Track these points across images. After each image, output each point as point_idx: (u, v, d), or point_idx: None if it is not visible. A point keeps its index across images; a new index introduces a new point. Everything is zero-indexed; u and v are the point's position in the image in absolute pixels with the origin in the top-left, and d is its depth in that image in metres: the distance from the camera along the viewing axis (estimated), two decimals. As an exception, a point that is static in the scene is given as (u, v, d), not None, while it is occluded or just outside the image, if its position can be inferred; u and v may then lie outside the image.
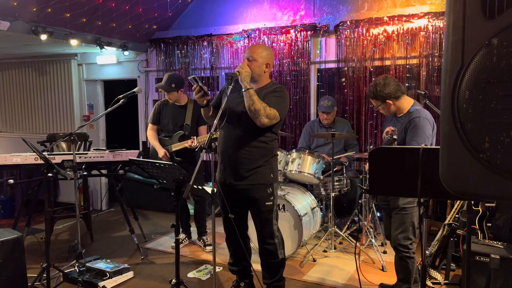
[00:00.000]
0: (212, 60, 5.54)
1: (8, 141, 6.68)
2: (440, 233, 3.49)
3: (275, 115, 2.70)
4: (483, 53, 0.93)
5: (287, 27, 5.03)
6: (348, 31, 4.72)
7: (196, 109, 4.12)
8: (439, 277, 3.36)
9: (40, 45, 5.02)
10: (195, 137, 3.89)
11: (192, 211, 4.46)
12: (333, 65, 4.92)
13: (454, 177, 1.00)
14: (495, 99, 0.92)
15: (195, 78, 2.67)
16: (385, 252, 3.99)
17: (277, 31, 5.07)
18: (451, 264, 3.44)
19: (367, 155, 3.16)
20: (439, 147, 1.03)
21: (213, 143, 2.50)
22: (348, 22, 4.70)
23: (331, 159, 4.00)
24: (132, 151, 4.23)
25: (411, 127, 2.72)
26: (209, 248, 4.14)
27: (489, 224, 3.40)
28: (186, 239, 4.35)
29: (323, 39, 4.93)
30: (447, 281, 3.37)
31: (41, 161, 3.59)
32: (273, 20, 5.16)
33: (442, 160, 1.02)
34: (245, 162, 2.80)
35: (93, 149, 4.40)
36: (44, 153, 3.24)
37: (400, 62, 4.57)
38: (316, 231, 4.23)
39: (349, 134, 4.40)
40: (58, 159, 3.87)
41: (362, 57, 4.69)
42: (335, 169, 4.12)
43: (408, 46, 4.49)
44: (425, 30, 4.38)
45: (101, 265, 3.52)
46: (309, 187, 4.36)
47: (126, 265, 3.58)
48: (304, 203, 3.96)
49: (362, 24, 4.64)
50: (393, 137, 2.75)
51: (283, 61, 5.08)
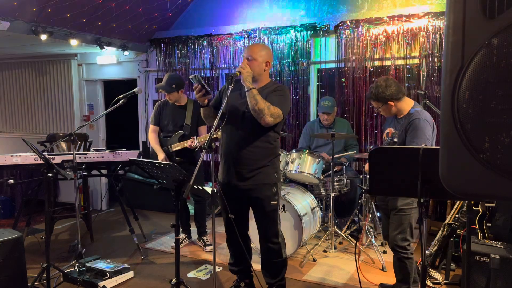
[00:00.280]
0: (212, 60, 5.54)
1: (8, 141, 6.68)
2: (440, 233, 3.49)
3: (279, 113, 2.71)
4: (483, 53, 0.93)
5: (287, 27, 5.03)
6: (348, 31, 4.72)
7: (196, 109, 4.12)
8: (439, 277, 3.36)
9: (40, 45, 5.02)
10: (195, 137, 3.88)
11: (192, 211, 4.46)
12: (333, 65, 4.92)
13: (454, 177, 1.00)
14: (495, 99, 0.91)
15: (196, 77, 2.67)
16: (385, 252, 3.99)
17: (277, 31, 5.07)
18: (451, 264, 3.45)
19: (367, 155, 3.17)
20: (439, 147, 1.03)
21: (213, 143, 2.49)
22: (348, 22, 4.70)
23: (331, 158, 4.00)
24: (132, 151, 4.23)
25: (411, 128, 2.73)
26: (209, 248, 4.14)
27: (489, 224, 3.40)
28: (186, 239, 4.35)
29: (323, 39, 4.94)
30: (447, 281, 3.37)
31: (41, 161, 3.59)
32: (273, 20, 5.16)
33: (442, 160, 1.02)
34: (249, 162, 2.80)
35: (93, 149, 4.40)
36: (44, 153, 3.25)
37: (400, 62, 4.57)
38: (316, 231, 4.23)
39: (349, 134, 4.40)
40: (58, 159, 3.87)
41: (362, 57, 4.69)
42: (335, 169, 4.12)
43: (408, 46, 4.49)
44: (425, 30, 4.38)
45: (101, 265, 3.52)
46: (309, 187, 4.36)
47: (126, 265, 3.58)
48: (304, 203, 3.96)
49: (362, 24, 4.63)
50: (394, 140, 2.75)
51: (283, 61, 5.08)
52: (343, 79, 4.84)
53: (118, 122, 6.58)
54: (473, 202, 2.91)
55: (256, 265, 3.16)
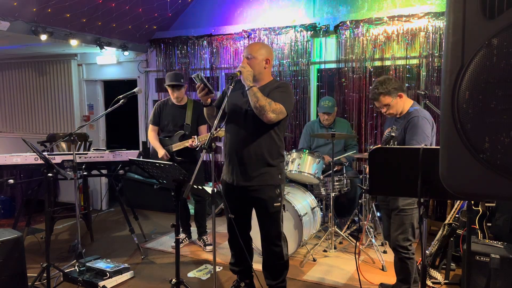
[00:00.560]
0: (212, 60, 5.54)
1: (8, 141, 6.68)
2: (440, 233, 3.49)
3: (281, 109, 2.68)
4: (483, 53, 0.93)
5: (287, 27, 5.03)
6: (348, 31, 4.72)
7: (196, 108, 4.13)
8: (439, 276, 3.36)
9: (40, 45, 5.02)
10: (196, 136, 3.89)
11: (192, 211, 4.46)
12: (333, 65, 4.92)
13: (454, 177, 1.00)
14: (495, 99, 0.92)
15: (198, 75, 2.66)
16: (385, 252, 3.99)
17: (277, 31, 5.07)
18: (451, 264, 3.45)
19: (367, 155, 3.16)
20: (439, 147, 1.03)
21: (213, 143, 2.49)
22: (348, 22, 4.70)
23: (331, 160, 4.00)
24: (132, 151, 4.22)
25: (410, 126, 2.73)
26: (209, 248, 4.14)
27: (489, 224, 3.40)
28: (186, 239, 4.35)
29: (323, 39, 4.93)
30: (447, 281, 3.37)
31: (41, 161, 3.59)
32: (273, 20, 5.16)
33: (442, 160, 1.02)
34: (253, 161, 2.77)
35: (93, 149, 4.40)
36: (44, 153, 3.25)
37: (400, 62, 4.57)
38: (316, 231, 4.23)
39: (349, 134, 4.40)
40: (58, 159, 3.87)
41: (362, 57, 4.69)
42: (335, 169, 4.12)
43: (408, 46, 4.49)
44: (425, 30, 4.38)
45: (101, 265, 3.52)
46: (309, 187, 4.36)
47: (126, 265, 3.58)
48: (304, 203, 3.96)
49: (362, 24, 4.63)
50: (391, 134, 2.73)
51: (283, 61, 5.09)
52: (343, 79, 4.84)
53: (118, 122, 6.58)
54: (473, 202, 2.91)
55: (256, 265, 3.16)
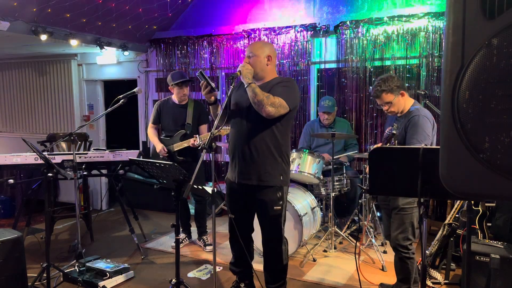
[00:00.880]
0: (212, 60, 5.54)
1: (8, 141, 6.68)
2: (440, 233, 3.49)
3: (280, 103, 2.65)
4: (483, 53, 0.93)
5: (287, 27, 5.03)
6: (348, 31, 4.72)
7: (196, 108, 4.13)
8: (439, 277, 3.36)
9: (40, 45, 5.02)
10: (197, 135, 3.89)
11: (192, 211, 4.46)
12: (333, 65, 4.92)
13: (454, 177, 1.00)
14: (495, 99, 0.92)
15: (202, 73, 2.68)
16: (385, 252, 3.99)
17: (277, 31, 5.07)
18: (451, 264, 3.45)
19: (367, 155, 3.16)
20: (439, 147, 1.03)
21: (213, 143, 2.49)
22: (348, 22, 4.70)
23: (331, 158, 4.01)
24: (132, 151, 4.23)
25: (410, 125, 2.73)
26: (209, 248, 4.14)
27: (489, 224, 3.40)
28: (186, 239, 4.35)
29: (323, 39, 4.94)
30: (447, 281, 3.37)
31: (41, 161, 3.59)
32: (273, 20, 5.16)
33: (442, 160, 1.02)
34: (254, 159, 2.75)
35: (93, 149, 4.40)
36: (44, 153, 3.25)
37: (400, 62, 4.57)
38: (316, 231, 4.23)
39: (349, 134, 4.40)
40: (58, 159, 3.87)
41: (362, 57, 4.69)
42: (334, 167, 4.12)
43: (408, 46, 4.49)
44: (425, 30, 4.38)
45: (101, 265, 3.51)
46: (309, 187, 4.36)
47: (126, 265, 3.58)
48: (304, 203, 3.96)
49: (362, 24, 4.63)
50: (393, 132, 2.72)
51: (283, 61, 5.09)
52: (343, 79, 4.84)
53: (118, 122, 6.58)
54: (473, 202, 2.91)
55: (257, 266, 3.16)
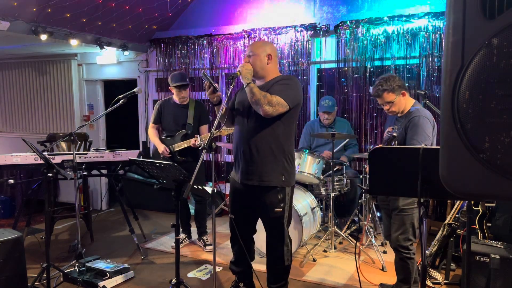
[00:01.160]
0: (212, 60, 5.54)
1: (8, 141, 6.68)
2: (440, 233, 3.49)
3: (278, 101, 2.62)
4: (483, 53, 0.93)
5: (287, 27, 5.03)
6: (348, 31, 4.72)
7: (197, 108, 4.14)
8: (439, 277, 3.36)
9: (40, 45, 5.02)
10: (198, 135, 3.90)
11: (192, 211, 4.46)
12: (333, 65, 4.92)
13: (454, 177, 1.00)
14: (495, 99, 0.92)
15: (205, 74, 2.70)
16: (385, 252, 3.99)
17: (277, 31, 5.07)
18: (451, 264, 3.45)
19: (367, 155, 3.16)
20: (439, 147, 1.03)
21: (213, 143, 2.49)
22: (348, 22, 4.70)
23: (331, 156, 4.00)
24: (132, 151, 4.23)
25: (411, 126, 2.73)
26: (209, 248, 4.14)
27: (489, 224, 3.40)
28: (186, 239, 4.35)
29: (323, 39, 4.94)
30: (447, 281, 3.37)
31: (41, 161, 3.59)
32: (273, 20, 5.16)
33: (442, 160, 1.02)
34: (254, 158, 2.74)
35: (93, 149, 4.40)
36: (44, 153, 3.25)
37: (400, 62, 4.57)
38: (316, 231, 4.23)
39: (349, 134, 4.40)
40: (58, 159, 3.87)
41: (362, 57, 4.69)
42: (335, 169, 4.12)
43: (408, 46, 4.49)
44: (425, 30, 4.38)
45: (101, 265, 3.51)
46: (309, 187, 4.37)
47: (126, 265, 3.58)
48: (304, 203, 3.96)
49: (362, 24, 4.63)
50: (393, 134, 2.72)
51: (283, 61, 5.08)
52: (343, 79, 4.84)
53: (118, 122, 6.58)
54: (473, 202, 2.91)
55: (257, 266, 3.16)
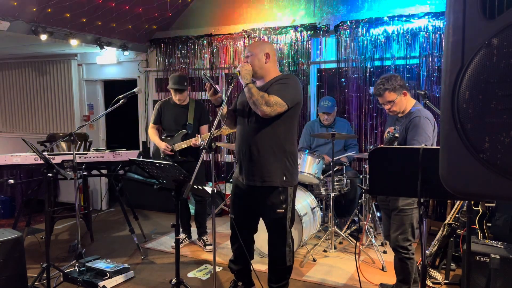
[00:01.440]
0: (212, 60, 5.54)
1: (8, 141, 6.68)
2: (440, 233, 3.49)
3: (276, 101, 2.61)
4: (483, 53, 0.93)
5: (287, 27, 5.03)
6: (348, 31, 4.72)
7: (197, 108, 4.14)
8: (439, 277, 3.36)
9: (40, 45, 5.02)
10: (199, 135, 3.90)
11: (192, 211, 4.46)
12: (333, 65, 4.92)
13: (454, 177, 1.00)
14: (495, 99, 0.91)
15: (205, 75, 2.75)
16: (385, 252, 3.99)
17: (277, 31, 5.07)
18: (451, 264, 3.45)
19: (367, 155, 3.16)
20: (439, 147, 1.03)
21: (213, 143, 2.50)
22: (348, 22, 4.70)
23: (331, 160, 4.00)
24: (132, 151, 4.23)
25: (411, 126, 2.73)
26: (209, 248, 4.14)
27: (489, 224, 3.40)
28: (186, 239, 4.35)
29: (323, 39, 4.93)
30: (447, 281, 3.37)
31: (41, 161, 3.59)
32: (273, 20, 5.16)
33: (442, 160, 1.02)
34: (257, 159, 2.74)
35: (93, 149, 4.40)
36: (44, 153, 3.25)
37: (400, 62, 4.57)
38: (316, 231, 4.23)
39: (349, 134, 4.40)
40: (58, 159, 3.87)
41: (362, 57, 4.69)
42: (335, 169, 4.12)
43: (408, 46, 4.49)
44: (425, 30, 4.38)
45: (101, 265, 3.51)
46: (309, 187, 4.37)
47: (126, 265, 3.58)
48: (304, 203, 3.96)
49: (362, 24, 4.63)
50: (395, 135, 2.72)
51: (283, 61, 5.08)
52: (343, 79, 4.84)
53: (118, 122, 6.58)
54: (473, 202, 2.91)
55: (256, 266, 3.16)
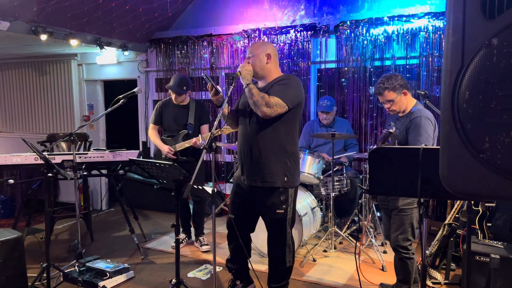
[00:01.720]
0: (212, 60, 5.54)
1: (8, 141, 6.68)
2: (440, 233, 3.49)
3: (277, 102, 2.61)
4: (483, 53, 0.93)
5: (287, 27, 5.03)
6: (348, 31, 4.72)
7: (198, 108, 4.14)
8: (439, 277, 3.36)
9: (40, 45, 5.02)
10: (200, 135, 3.90)
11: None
12: (333, 65, 4.92)
13: (454, 177, 1.00)
14: (495, 99, 0.92)
15: (207, 76, 2.73)
16: (385, 252, 3.99)
17: (277, 31, 5.07)
18: (451, 264, 3.45)
19: (367, 155, 3.16)
20: (439, 147, 1.03)
21: (214, 143, 2.49)
22: (348, 22, 4.70)
23: (331, 159, 4.00)
24: (132, 151, 4.23)
25: (412, 126, 2.73)
26: (205, 247, 4.13)
27: (489, 224, 3.40)
28: (186, 239, 4.35)
29: (323, 39, 4.94)
30: (447, 281, 3.37)
31: (41, 161, 3.59)
32: (273, 20, 5.16)
33: (442, 160, 1.02)
34: (258, 160, 2.74)
35: (93, 149, 4.40)
36: (44, 153, 3.25)
37: (400, 62, 4.57)
38: (316, 231, 4.23)
39: (349, 134, 4.40)
40: (58, 159, 3.87)
41: (362, 57, 4.69)
42: (335, 169, 4.12)
43: (408, 46, 4.49)
44: (425, 30, 4.38)
45: (101, 265, 3.51)
46: (309, 187, 4.37)
47: (126, 265, 3.58)
48: (304, 203, 3.96)
49: (362, 24, 4.63)
50: (389, 131, 2.69)
51: (283, 61, 5.08)
52: (343, 79, 4.84)
53: (118, 122, 6.58)
54: (473, 202, 2.91)
55: (256, 266, 3.15)
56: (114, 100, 3.48)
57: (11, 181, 4.11)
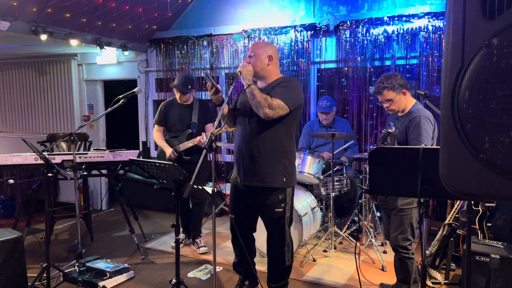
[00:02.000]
0: (212, 60, 5.54)
1: (8, 141, 6.68)
2: (440, 233, 3.49)
3: (279, 104, 2.62)
4: (483, 53, 0.93)
5: (287, 27, 5.03)
6: (348, 31, 4.72)
7: (202, 107, 4.13)
8: (439, 277, 3.36)
9: (40, 45, 5.02)
10: (204, 133, 3.89)
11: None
12: (333, 65, 4.92)
13: (454, 177, 1.00)
14: (495, 99, 0.92)
15: (207, 74, 2.70)
16: (385, 252, 3.99)
17: (277, 31, 5.07)
18: (451, 264, 3.45)
19: (367, 155, 3.16)
20: (439, 147, 1.03)
21: (214, 143, 2.49)
22: (348, 22, 4.70)
23: (331, 160, 4.00)
24: (132, 151, 4.23)
25: (412, 126, 2.73)
26: (202, 249, 4.11)
27: (489, 224, 3.40)
28: (186, 239, 4.35)
29: (323, 39, 4.94)
30: (447, 281, 3.37)
31: (41, 161, 3.59)
32: (273, 20, 5.16)
33: (442, 160, 1.02)
34: (256, 159, 2.74)
35: (93, 149, 4.40)
36: (44, 153, 3.25)
37: (400, 62, 4.58)
38: (316, 231, 4.23)
39: (349, 134, 4.40)
40: (58, 159, 3.87)
41: (362, 57, 4.69)
42: (335, 169, 4.12)
43: (408, 46, 4.49)
44: (425, 30, 4.38)
45: (101, 265, 3.51)
46: (309, 187, 4.37)
47: (126, 265, 3.58)
48: (304, 203, 3.96)
49: (362, 24, 4.63)
50: (388, 131, 2.70)
51: (283, 61, 5.08)
52: (343, 79, 4.84)
53: (118, 122, 6.58)
54: (473, 202, 2.91)
55: (256, 265, 3.15)
56: (114, 100, 3.48)
57: (11, 181, 4.11)
